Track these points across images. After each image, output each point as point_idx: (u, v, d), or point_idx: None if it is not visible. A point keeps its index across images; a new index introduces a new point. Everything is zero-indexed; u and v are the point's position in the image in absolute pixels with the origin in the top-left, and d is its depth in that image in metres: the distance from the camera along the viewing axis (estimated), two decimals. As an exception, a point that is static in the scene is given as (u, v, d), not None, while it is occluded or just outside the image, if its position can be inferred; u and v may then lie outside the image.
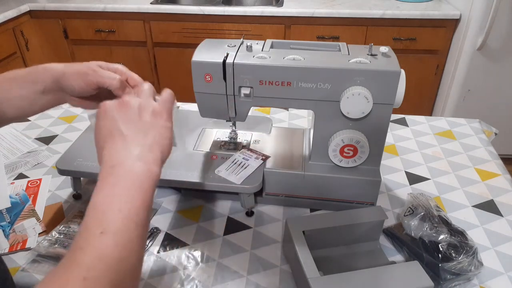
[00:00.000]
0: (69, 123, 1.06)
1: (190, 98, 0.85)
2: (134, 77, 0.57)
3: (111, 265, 0.35)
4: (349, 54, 0.68)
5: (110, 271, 0.34)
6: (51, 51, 2.30)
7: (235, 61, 0.66)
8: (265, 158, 0.77)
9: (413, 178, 0.87)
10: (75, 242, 0.36)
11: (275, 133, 0.87)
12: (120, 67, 0.57)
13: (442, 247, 0.61)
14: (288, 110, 1.12)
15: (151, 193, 0.41)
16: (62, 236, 0.68)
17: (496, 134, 1.07)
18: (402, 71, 0.64)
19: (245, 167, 0.74)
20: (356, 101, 0.65)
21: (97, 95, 0.57)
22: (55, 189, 0.83)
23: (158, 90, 0.49)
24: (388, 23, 1.99)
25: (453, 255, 0.60)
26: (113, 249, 0.35)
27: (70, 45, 2.28)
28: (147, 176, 0.41)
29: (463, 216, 0.77)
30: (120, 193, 0.39)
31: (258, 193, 0.77)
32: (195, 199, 0.80)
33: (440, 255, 0.61)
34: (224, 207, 0.78)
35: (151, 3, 2.12)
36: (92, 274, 0.33)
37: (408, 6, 2.03)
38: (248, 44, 0.70)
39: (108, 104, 0.46)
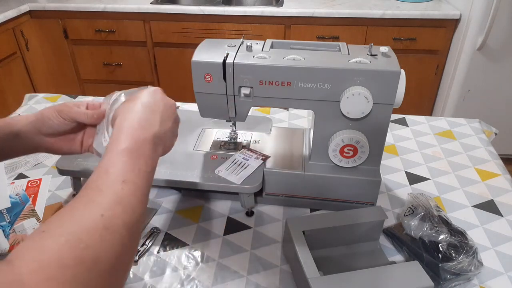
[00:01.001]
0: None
1: (190, 98, 0.85)
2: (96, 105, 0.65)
3: (127, 210, 0.39)
4: (349, 54, 0.68)
5: (126, 214, 0.39)
6: (51, 51, 2.30)
7: (235, 61, 0.66)
8: (265, 158, 0.77)
9: (413, 178, 0.87)
10: (94, 181, 0.41)
11: (275, 133, 0.87)
12: (89, 101, 0.65)
13: (442, 247, 0.61)
14: (288, 110, 1.12)
15: (154, 171, 0.48)
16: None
17: (496, 134, 1.07)
18: (402, 71, 0.64)
19: (245, 167, 0.74)
20: (356, 101, 0.65)
21: (69, 135, 0.64)
22: (55, 189, 0.83)
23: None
24: (388, 23, 1.99)
25: (453, 255, 0.60)
26: (130, 198, 0.40)
27: (70, 45, 2.28)
28: (157, 157, 0.49)
29: (463, 216, 0.77)
30: (143, 156, 0.45)
31: (258, 193, 0.77)
32: (195, 199, 0.80)
33: (440, 255, 0.61)
34: (224, 207, 0.78)
35: (151, 3, 2.12)
36: (109, 214, 0.37)
37: (408, 6, 2.03)
38: (248, 44, 0.70)
39: (159, 92, 0.55)
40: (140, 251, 0.68)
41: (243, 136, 0.84)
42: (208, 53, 0.69)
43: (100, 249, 0.35)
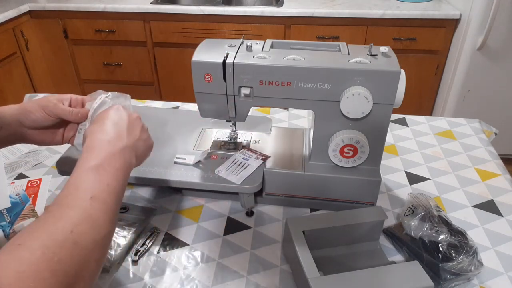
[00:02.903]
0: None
1: (190, 98, 0.85)
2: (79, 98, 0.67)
3: (95, 227, 0.41)
4: (349, 54, 0.68)
5: (94, 230, 0.41)
6: (51, 51, 2.31)
7: (235, 61, 0.66)
8: (265, 158, 0.77)
9: (413, 178, 0.87)
10: (64, 198, 0.42)
11: (275, 133, 0.87)
12: (73, 96, 0.66)
13: (442, 247, 0.61)
14: (288, 110, 1.12)
15: (126, 183, 0.50)
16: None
17: (496, 134, 1.07)
18: (402, 71, 0.64)
19: (245, 167, 0.74)
20: (356, 101, 0.65)
21: (52, 129, 0.65)
22: (55, 189, 0.83)
23: (158, 90, 0.51)
24: (388, 23, 1.99)
25: (453, 255, 0.60)
26: (99, 214, 0.42)
27: (70, 45, 2.28)
28: (129, 168, 0.51)
29: (463, 216, 0.77)
30: (111, 170, 0.47)
31: (258, 193, 0.77)
32: (195, 199, 0.80)
33: (440, 255, 0.61)
34: (224, 207, 0.78)
35: (151, 3, 2.12)
36: (79, 229, 0.39)
37: (408, 6, 2.03)
38: (248, 44, 0.70)
39: (121, 108, 0.57)
40: (140, 251, 0.68)
41: (243, 136, 0.84)
42: (208, 53, 0.69)
43: (70, 263, 0.37)
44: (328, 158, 0.73)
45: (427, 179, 0.87)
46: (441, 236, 0.63)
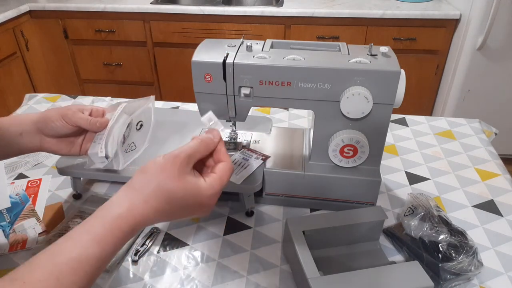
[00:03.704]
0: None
1: (190, 98, 0.85)
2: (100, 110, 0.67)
3: None
4: (349, 54, 0.68)
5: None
6: (51, 51, 2.31)
7: (235, 61, 0.66)
8: (265, 158, 0.77)
9: (413, 178, 0.87)
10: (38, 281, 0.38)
11: (275, 133, 0.87)
12: (94, 107, 0.66)
13: (442, 247, 0.61)
14: (288, 110, 1.12)
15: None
16: (62, 236, 0.68)
17: (496, 134, 1.07)
18: (402, 71, 0.64)
19: (245, 167, 0.74)
20: (356, 101, 0.65)
21: (70, 138, 0.65)
22: (55, 189, 0.83)
23: (158, 90, 0.50)
24: (388, 23, 1.99)
25: (453, 255, 0.60)
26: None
27: (70, 45, 2.28)
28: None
29: (463, 216, 0.77)
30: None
31: (258, 193, 0.77)
32: (195, 199, 0.80)
33: (440, 255, 0.61)
34: (224, 207, 0.78)
35: (151, 3, 2.12)
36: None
37: (408, 6, 2.03)
38: (248, 44, 0.70)
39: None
40: (140, 251, 0.68)
41: (243, 136, 0.84)
42: (208, 53, 0.69)
43: None
44: (328, 158, 0.73)
45: (427, 179, 0.87)
46: (441, 236, 0.63)
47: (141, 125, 0.73)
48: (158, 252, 0.69)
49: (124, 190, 0.45)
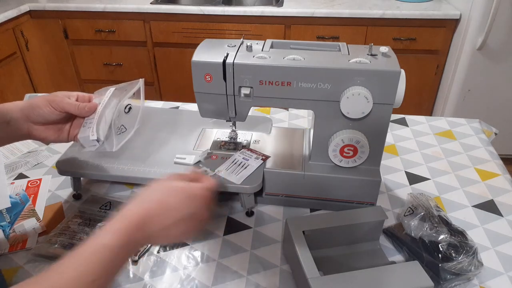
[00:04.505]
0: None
1: (190, 98, 0.85)
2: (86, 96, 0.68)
3: None
4: (349, 54, 0.68)
5: None
6: (51, 51, 2.30)
7: (235, 61, 0.66)
8: (265, 158, 0.77)
9: (413, 178, 0.87)
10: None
11: (275, 133, 0.87)
12: (80, 93, 0.67)
13: (442, 247, 0.61)
14: (288, 110, 1.12)
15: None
16: (62, 236, 0.68)
17: (496, 134, 1.07)
18: (402, 71, 0.64)
19: (245, 167, 0.74)
20: (356, 101, 0.65)
21: (58, 125, 0.66)
22: (55, 189, 0.83)
23: (158, 90, 0.51)
24: (388, 23, 1.99)
25: (453, 255, 0.60)
26: None
27: (70, 45, 2.28)
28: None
29: (463, 216, 0.77)
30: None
31: (258, 193, 0.77)
32: (195, 199, 0.80)
33: (440, 255, 0.61)
34: (224, 207, 0.78)
35: (151, 3, 2.12)
36: None
37: (408, 6, 2.03)
38: (248, 44, 0.70)
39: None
40: (140, 251, 0.68)
41: (243, 136, 0.84)
42: (208, 53, 0.69)
43: None
44: (328, 158, 0.73)
45: (427, 179, 0.87)
46: (441, 236, 0.63)
47: (130, 108, 0.74)
48: (158, 252, 0.69)
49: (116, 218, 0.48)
